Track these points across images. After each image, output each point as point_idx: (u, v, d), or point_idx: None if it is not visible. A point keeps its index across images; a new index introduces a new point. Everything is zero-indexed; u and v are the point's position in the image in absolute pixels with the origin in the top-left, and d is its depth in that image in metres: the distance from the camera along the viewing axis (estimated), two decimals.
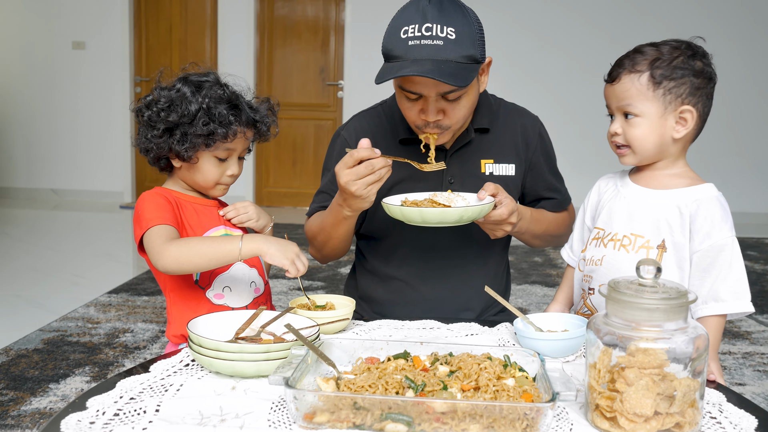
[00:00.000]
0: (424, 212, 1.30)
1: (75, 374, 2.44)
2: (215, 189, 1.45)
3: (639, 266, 0.95)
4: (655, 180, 1.30)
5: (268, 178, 6.77)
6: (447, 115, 1.41)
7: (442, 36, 1.32)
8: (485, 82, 1.50)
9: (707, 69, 1.24)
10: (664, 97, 1.22)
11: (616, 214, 1.32)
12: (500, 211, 1.37)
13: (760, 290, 4.02)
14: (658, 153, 1.27)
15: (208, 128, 1.35)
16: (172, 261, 1.27)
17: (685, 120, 1.24)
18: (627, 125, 1.26)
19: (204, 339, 1.07)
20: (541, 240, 1.61)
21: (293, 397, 0.90)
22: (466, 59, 1.34)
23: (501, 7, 6.24)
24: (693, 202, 1.24)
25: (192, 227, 1.41)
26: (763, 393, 2.45)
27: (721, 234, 1.22)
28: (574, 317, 1.28)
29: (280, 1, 6.56)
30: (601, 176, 1.43)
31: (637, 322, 0.92)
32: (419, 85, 1.36)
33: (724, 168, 6.43)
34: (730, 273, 1.22)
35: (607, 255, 1.31)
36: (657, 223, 1.26)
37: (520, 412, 0.88)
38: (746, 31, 6.33)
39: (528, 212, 1.52)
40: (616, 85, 1.26)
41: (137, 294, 3.53)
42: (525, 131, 1.62)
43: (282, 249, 1.27)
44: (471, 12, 1.39)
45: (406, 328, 1.37)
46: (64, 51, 6.55)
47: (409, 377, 0.96)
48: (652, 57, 1.22)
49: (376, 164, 1.29)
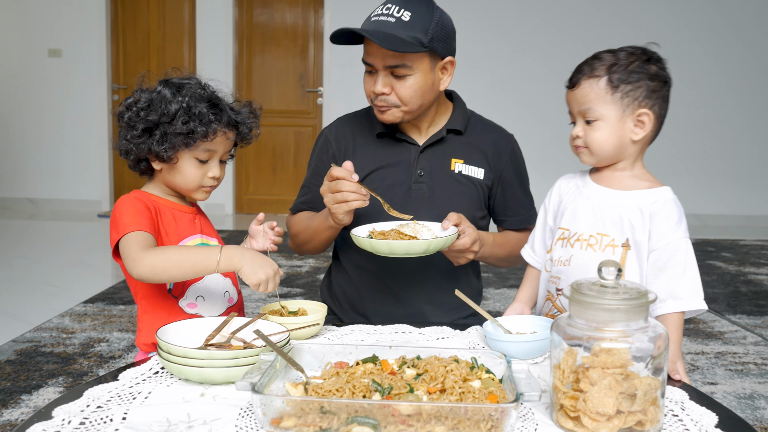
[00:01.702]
0: (392, 244, 1.36)
1: (48, 385, 2.42)
2: (197, 192, 1.43)
3: (601, 267, 0.96)
4: (616, 181, 1.33)
5: (248, 185, 6.76)
6: (394, 91, 1.53)
7: (397, 16, 1.48)
8: (447, 82, 1.60)
9: (662, 73, 1.29)
10: (622, 100, 1.26)
11: (580, 214, 1.35)
12: (463, 241, 1.46)
13: (734, 291, 4.08)
14: (617, 155, 1.31)
15: (188, 127, 1.34)
16: (147, 270, 1.26)
17: (642, 122, 1.28)
18: (588, 129, 1.30)
19: (172, 346, 1.07)
20: (506, 262, 1.69)
21: (260, 403, 0.91)
22: (410, 38, 1.47)
23: (476, 14, 6.30)
24: (653, 203, 1.28)
25: (169, 234, 1.40)
26: (734, 392, 2.49)
27: (677, 235, 1.27)
28: (542, 319, 1.30)
29: (259, 8, 6.56)
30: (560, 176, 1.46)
31: (600, 323, 0.94)
32: (371, 57, 1.52)
33: (699, 171, 6.53)
34: (686, 272, 1.26)
35: (575, 255, 1.34)
36: (621, 222, 1.30)
37: (484, 413, 0.89)
38: (721, 35, 6.44)
39: (490, 238, 1.59)
40: (576, 91, 1.30)
41: (113, 303, 3.50)
42: (498, 145, 1.69)
43: (256, 269, 1.25)
44: (438, 10, 1.52)
45: (378, 332, 1.37)
46: (40, 58, 6.49)
47: (375, 380, 0.97)
48: (610, 62, 1.27)
49: (344, 186, 1.40)
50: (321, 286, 1.85)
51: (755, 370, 2.73)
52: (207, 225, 1.51)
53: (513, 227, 1.71)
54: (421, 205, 1.62)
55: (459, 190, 1.64)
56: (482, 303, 1.78)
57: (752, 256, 5.15)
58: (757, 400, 2.41)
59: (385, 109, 1.56)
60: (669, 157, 6.36)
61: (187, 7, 6.55)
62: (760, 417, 2.27)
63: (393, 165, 1.64)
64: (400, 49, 1.45)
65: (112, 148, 1.47)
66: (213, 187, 1.44)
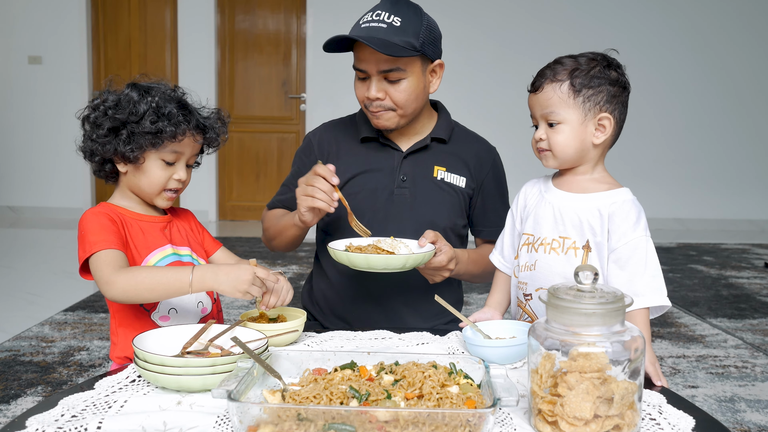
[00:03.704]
0: (370, 258, 1.36)
1: (27, 394, 2.38)
2: (160, 197, 1.40)
3: (577, 272, 0.97)
4: (577, 184, 1.36)
5: (231, 192, 6.73)
6: (388, 95, 1.55)
7: (388, 21, 1.50)
8: (437, 85, 1.63)
9: (622, 78, 1.32)
10: (583, 104, 1.29)
11: (542, 219, 1.37)
12: (440, 258, 1.47)
13: (715, 294, 4.11)
14: (579, 158, 1.33)
15: (156, 126, 1.32)
16: (120, 293, 1.25)
17: (603, 126, 1.31)
18: (551, 132, 1.32)
19: (149, 354, 1.06)
20: (481, 278, 1.70)
21: (236, 410, 0.90)
22: (403, 43, 1.50)
23: (456, 21, 6.33)
24: (611, 204, 1.31)
25: (137, 247, 1.37)
26: (715, 395, 2.51)
27: (636, 233, 1.28)
28: (522, 324, 1.31)
29: (241, 14, 6.55)
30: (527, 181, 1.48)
31: (577, 327, 0.94)
32: (364, 63, 1.53)
33: (680, 176, 6.60)
34: (647, 270, 1.27)
35: (540, 259, 1.35)
36: (580, 225, 1.32)
37: (462, 419, 0.88)
38: (703, 40, 6.51)
39: (465, 255, 1.61)
40: (539, 94, 1.32)
41: (94, 311, 3.46)
42: (480, 155, 1.71)
43: (233, 282, 1.23)
44: (427, 16, 1.55)
45: (358, 338, 1.37)
46: (20, 66, 6.43)
47: (353, 387, 0.97)
48: (572, 67, 1.30)
49: (318, 183, 1.42)
50: (302, 291, 1.84)
51: (736, 373, 2.75)
52: (179, 234, 1.47)
53: (490, 237, 1.72)
54: (403, 211, 1.63)
55: (441, 197, 1.64)
56: (465, 308, 1.79)
57: (733, 260, 5.20)
58: (738, 403, 2.43)
59: (381, 113, 1.57)
60: (650, 161, 6.43)
61: (168, 14, 6.52)
62: (740, 420, 2.29)
63: (376, 170, 1.65)
64: (397, 53, 1.47)
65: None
66: (177, 191, 1.41)
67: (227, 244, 1.54)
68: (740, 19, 6.52)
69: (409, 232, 1.59)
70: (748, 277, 4.62)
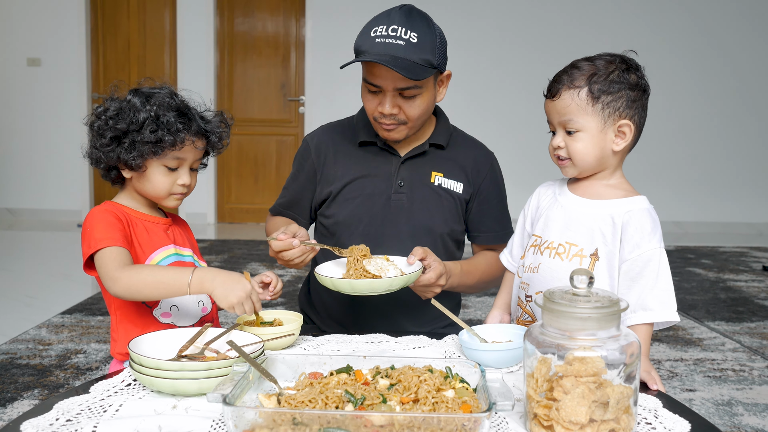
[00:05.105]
0: (354, 284, 1.35)
1: (23, 398, 2.38)
2: (168, 199, 1.42)
3: (572, 276, 0.97)
4: (592, 190, 1.33)
5: (230, 195, 6.73)
6: (402, 111, 1.54)
7: (405, 38, 1.48)
8: (443, 93, 1.63)
9: (641, 81, 1.28)
10: (603, 111, 1.25)
11: (552, 222, 1.35)
12: (428, 276, 1.45)
13: (713, 298, 4.11)
14: (598, 165, 1.31)
15: (156, 135, 1.34)
16: (123, 289, 1.28)
17: (623, 133, 1.28)
18: (569, 139, 1.29)
19: (144, 358, 1.06)
20: (476, 288, 1.69)
21: (231, 414, 0.90)
22: (423, 62, 1.48)
23: (454, 27, 6.34)
24: (626, 212, 1.27)
25: (142, 245, 1.39)
26: (712, 398, 2.51)
27: (650, 245, 1.25)
28: (519, 328, 1.30)
29: (240, 17, 6.55)
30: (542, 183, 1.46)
31: (572, 331, 0.94)
32: (380, 79, 1.50)
33: (679, 179, 6.60)
34: (658, 283, 1.24)
35: (543, 263, 1.34)
36: (591, 232, 1.29)
37: (457, 423, 0.88)
38: (698, 44, 6.53)
39: (458, 268, 1.59)
40: (556, 101, 1.29)
41: (91, 314, 3.46)
42: (478, 161, 1.70)
43: (228, 291, 1.24)
44: (436, 26, 1.54)
45: (355, 342, 1.37)
46: (19, 67, 6.43)
47: (349, 391, 0.96)
48: (589, 72, 1.26)
49: (286, 256, 1.44)
50: (299, 294, 1.84)
51: (733, 376, 2.75)
52: (181, 236, 1.50)
53: (486, 242, 1.72)
54: (400, 216, 1.62)
55: (438, 202, 1.64)
56: (463, 311, 1.79)
57: (731, 263, 5.20)
58: (735, 407, 2.43)
59: (393, 127, 1.57)
60: (649, 165, 6.42)
61: (167, 16, 6.52)
62: (738, 423, 2.29)
63: (374, 174, 1.65)
64: (421, 76, 1.47)
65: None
66: (184, 194, 1.43)
67: (226, 247, 1.55)
68: (738, 23, 6.53)
69: (405, 237, 1.58)
70: (746, 280, 4.62)
